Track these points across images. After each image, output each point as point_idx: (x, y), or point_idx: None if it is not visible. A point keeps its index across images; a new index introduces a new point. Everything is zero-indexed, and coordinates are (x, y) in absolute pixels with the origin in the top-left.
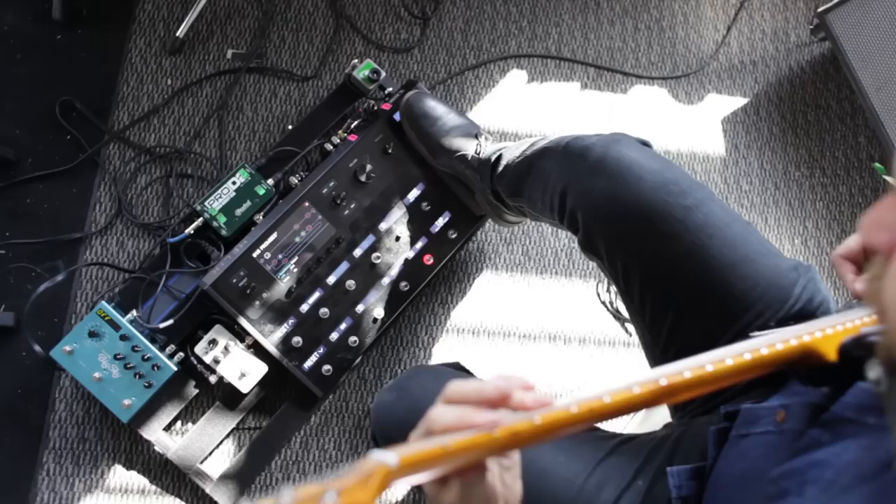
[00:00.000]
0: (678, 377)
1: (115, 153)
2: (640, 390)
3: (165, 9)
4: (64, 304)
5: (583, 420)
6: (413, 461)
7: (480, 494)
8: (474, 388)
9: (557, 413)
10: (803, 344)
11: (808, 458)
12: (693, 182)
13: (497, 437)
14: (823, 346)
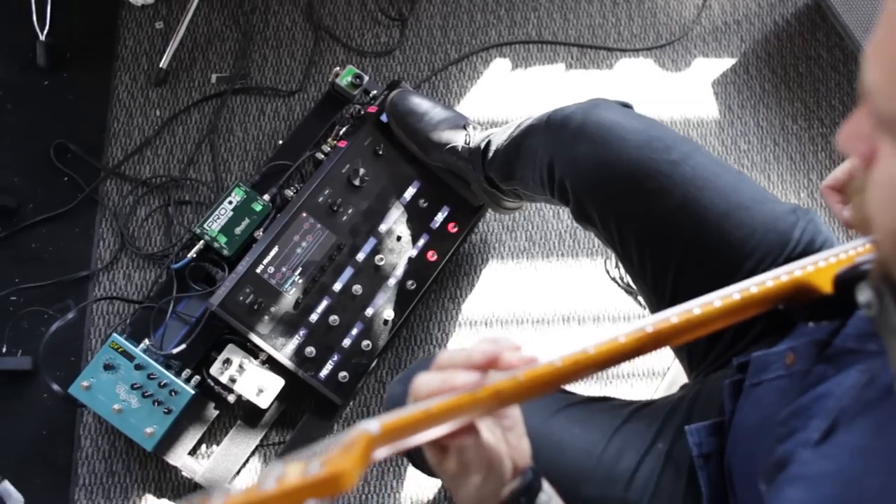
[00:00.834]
0: (665, 323)
1: (113, 189)
2: (626, 339)
3: (146, 42)
4: (78, 343)
5: (567, 374)
6: (396, 427)
7: (479, 457)
8: (462, 355)
9: (541, 368)
10: (795, 279)
11: (813, 394)
12: (678, 137)
13: (480, 395)
14: (818, 279)
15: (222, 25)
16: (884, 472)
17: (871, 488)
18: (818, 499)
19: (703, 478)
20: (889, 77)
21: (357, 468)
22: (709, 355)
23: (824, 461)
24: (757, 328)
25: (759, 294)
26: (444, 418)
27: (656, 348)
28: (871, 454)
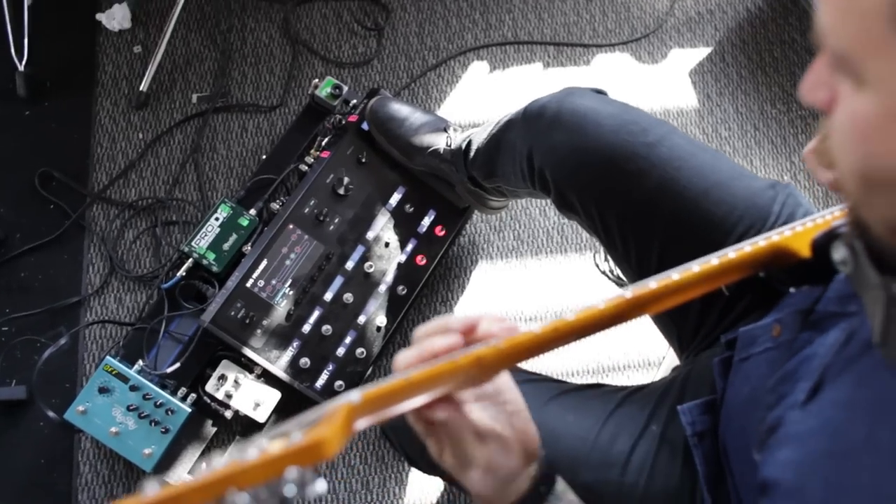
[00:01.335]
0: (643, 289)
1: (100, 213)
2: (605, 305)
3: (125, 67)
4: (73, 369)
5: (548, 341)
6: (377, 395)
7: (473, 437)
8: (439, 322)
9: (521, 336)
10: (773, 244)
11: (798, 358)
12: (653, 119)
13: (460, 362)
14: (796, 243)
15: (200, 46)
16: (868, 422)
17: (857, 438)
18: (807, 454)
19: (698, 456)
20: (838, 16)
21: (338, 436)
22: (697, 335)
23: (811, 418)
24: (743, 304)
25: (737, 259)
26: (425, 386)
27: (636, 315)
28: (855, 406)
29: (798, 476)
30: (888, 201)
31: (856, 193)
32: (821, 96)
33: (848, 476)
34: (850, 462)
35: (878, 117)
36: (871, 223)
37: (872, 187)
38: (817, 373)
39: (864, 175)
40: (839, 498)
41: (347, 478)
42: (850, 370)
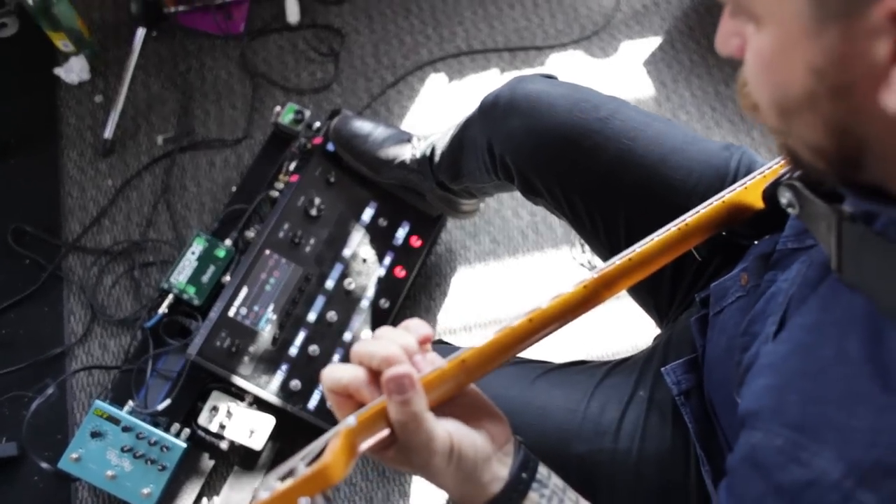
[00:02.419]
0: (610, 266)
1: (76, 262)
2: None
3: (88, 117)
4: (63, 420)
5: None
6: (371, 415)
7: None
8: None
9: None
10: (727, 202)
11: (765, 298)
12: (603, 96)
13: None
14: (748, 197)
15: (160, 88)
16: (836, 340)
17: (828, 355)
18: (782, 378)
19: (686, 414)
20: None
21: (341, 461)
22: (674, 301)
23: (782, 346)
24: (714, 265)
25: (696, 223)
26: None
27: (609, 293)
28: (823, 327)
29: (776, 400)
30: (803, 124)
31: (778, 125)
32: (733, 44)
33: (823, 389)
34: (824, 376)
35: (774, 49)
36: (799, 151)
37: (787, 115)
38: (783, 305)
39: (778, 104)
40: (816, 408)
41: (350, 496)
42: (813, 295)
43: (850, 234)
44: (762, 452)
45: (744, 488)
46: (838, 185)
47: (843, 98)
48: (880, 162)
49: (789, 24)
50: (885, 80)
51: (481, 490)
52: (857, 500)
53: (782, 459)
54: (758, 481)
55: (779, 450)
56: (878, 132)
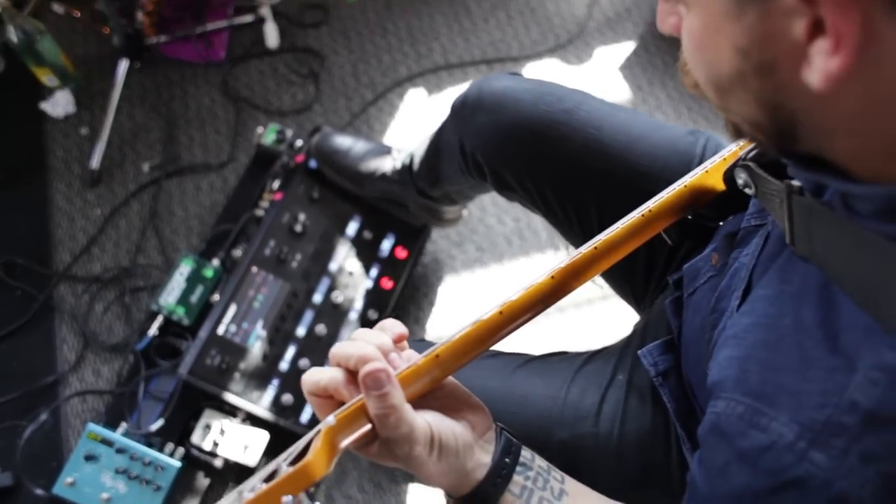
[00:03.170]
0: (577, 255)
1: (67, 291)
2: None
3: (75, 149)
4: (58, 447)
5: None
6: (349, 413)
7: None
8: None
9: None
10: (689, 185)
11: (730, 275)
12: (568, 89)
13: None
14: (710, 181)
15: (145, 118)
16: (793, 309)
17: (786, 325)
18: (745, 349)
19: (665, 394)
20: None
21: (323, 458)
22: (649, 286)
23: (745, 318)
24: (685, 247)
25: (659, 208)
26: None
27: (578, 282)
28: (781, 298)
29: (738, 370)
30: (737, 100)
31: (717, 101)
32: (670, 22)
33: (780, 357)
34: (782, 345)
35: (702, 30)
36: (740, 125)
37: (722, 92)
38: (745, 279)
39: (713, 82)
40: (773, 375)
41: None
42: (773, 267)
43: (799, 206)
44: (725, 421)
45: (711, 457)
46: (779, 156)
47: (769, 75)
48: (812, 133)
49: (713, 7)
50: (804, 57)
51: (466, 477)
52: (809, 459)
53: (743, 426)
54: (723, 448)
55: (740, 417)
56: (805, 106)
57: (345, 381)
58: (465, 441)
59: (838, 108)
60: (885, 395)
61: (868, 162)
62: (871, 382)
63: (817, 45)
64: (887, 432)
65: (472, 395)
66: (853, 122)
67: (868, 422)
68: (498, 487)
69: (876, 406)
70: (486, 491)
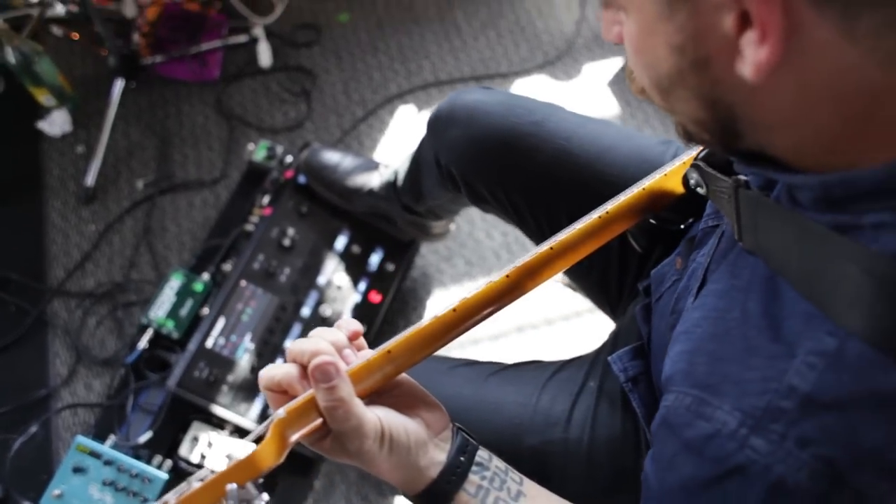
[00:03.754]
0: (533, 254)
1: (61, 307)
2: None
3: (71, 167)
4: (48, 460)
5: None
6: (298, 408)
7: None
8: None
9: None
10: (647, 188)
11: (688, 275)
12: (538, 102)
13: (372, 360)
14: (668, 184)
15: (140, 136)
16: (741, 302)
17: (734, 318)
18: (694, 342)
19: (635, 399)
20: None
21: (271, 448)
22: (622, 293)
23: (696, 312)
24: (656, 254)
25: (616, 210)
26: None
27: (533, 283)
28: (730, 292)
29: (687, 363)
30: (679, 99)
31: (662, 103)
32: (615, 31)
33: (726, 348)
34: (728, 336)
35: (639, 33)
36: (686, 125)
37: (665, 93)
38: (700, 278)
39: (655, 84)
40: (719, 366)
41: None
42: (724, 263)
43: (745, 200)
44: (673, 413)
45: (661, 450)
46: (725, 154)
47: (704, 71)
48: (752, 128)
49: (647, 9)
50: (736, 50)
51: (419, 475)
52: (750, 445)
53: (690, 416)
54: (671, 441)
55: (687, 408)
56: (741, 100)
57: (298, 377)
58: (418, 438)
59: (773, 100)
60: (821, 378)
61: (807, 154)
62: (808, 367)
63: (746, 36)
64: (824, 416)
65: (428, 394)
66: (788, 114)
67: (805, 406)
68: (452, 485)
69: (813, 390)
70: (441, 488)
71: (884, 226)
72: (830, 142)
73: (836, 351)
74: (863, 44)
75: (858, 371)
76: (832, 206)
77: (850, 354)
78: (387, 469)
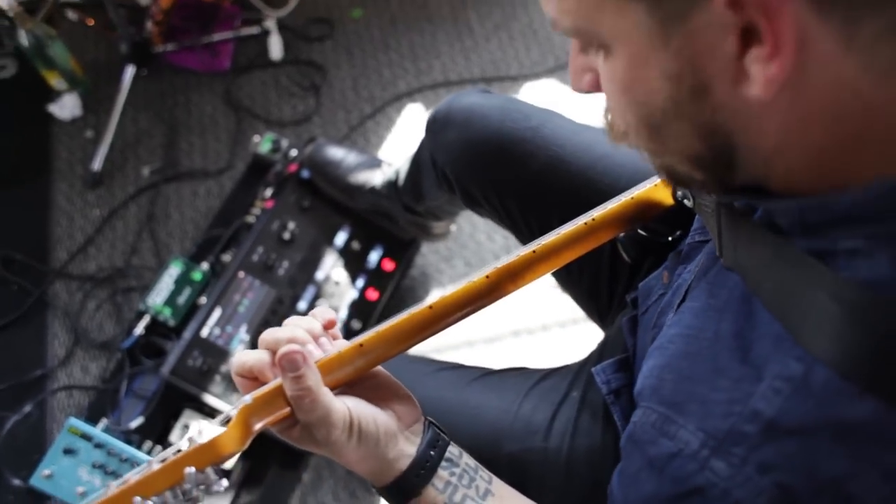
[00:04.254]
0: (513, 259)
1: (62, 289)
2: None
3: (79, 151)
4: (41, 440)
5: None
6: (265, 395)
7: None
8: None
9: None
10: (636, 198)
11: (672, 290)
12: (536, 108)
13: (343, 353)
14: (658, 194)
15: (148, 123)
16: (716, 322)
17: (707, 337)
18: (665, 358)
19: (616, 412)
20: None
21: (234, 434)
22: (612, 303)
23: (672, 328)
24: (646, 266)
25: (603, 218)
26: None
27: (514, 285)
28: (707, 311)
29: (657, 379)
30: (674, 135)
31: (651, 144)
32: (586, 80)
33: (695, 367)
34: (699, 355)
35: (628, 68)
36: (675, 166)
37: (657, 130)
38: (682, 295)
39: (646, 122)
40: (686, 385)
41: None
42: (704, 280)
43: (727, 217)
44: (640, 429)
45: (627, 465)
46: (719, 193)
47: (704, 97)
48: (751, 155)
49: (637, 40)
50: (739, 70)
51: (388, 467)
52: (710, 468)
53: (654, 433)
54: (636, 456)
55: (652, 424)
56: (741, 126)
57: (269, 363)
58: (388, 429)
59: (772, 122)
60: (786, 404)
61: (796, 179)
62: (774, 391)
63: (752, 53)
64: (786, 442)
65: (401, 386)
66: (784, 136)
67: (768, 431)
68: (421, 479)
69: (776, 415)
70: (409, 482)
71: (857, 252)
72: (820, 164)
73: (802, 377)
74: (861, 55)
75: (823, 399)
76: (808, 231)
77: (816, 381)
78: (355, 459)
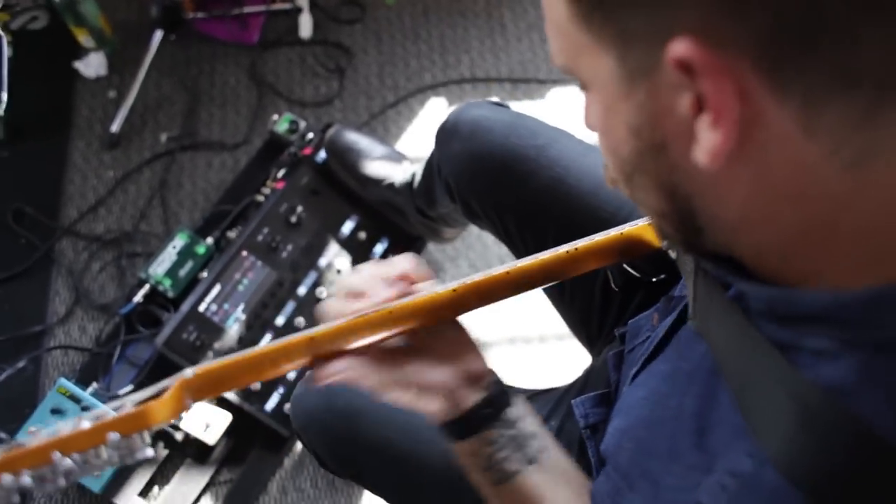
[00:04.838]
0: (483, 276)
1: (68, 247)
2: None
3: (100, 110)
4: (34, 395)
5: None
6: (209, 371)
7: None
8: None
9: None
10: (624, 234)
11: (650, 341)
12: (544, 125)
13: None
14: (648, 234)
15: (171, 89)
16: (681, 392)
17: (671, 407)
18: (629, 422)
19: (590, 448)
20: (552, 37)
21: (166, 406)
22: (602, 331)
23: (639, 389)
24: (639, 298)
25: (586, 248)
26: (260, 364)
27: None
28: (675, 377)
29: (617, 443)
30: (639, 187)
31: (627, 190)
32: (591, 122)
33: (654, 440)
34: (660, 428)
35: (602, 113)
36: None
37: (628, 179)
38: (649, 350)
39: (618, 169)
40: (642, 458)
41: (297, 502)
42: (674, 339)
43: (703, 282)
44: (597, 494)
45: None
46: (689, 252)
47: (662, 155)
48: (712, 222)
49: (608, 87)
50: (691, 134)
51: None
52: None
53: (609, 502)
54: None
55: (607, 492)
56: (699, 191)
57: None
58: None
59: (731, 194)
60: (730, 503)
61: (766, 260)
62: (720, 487)
63: (701, 119)
64: None
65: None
66: (747, 211)
67: None
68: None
69: None
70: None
71: (824, 353)
72: (791, 247)
73: (750, 475)
74: (824, 143)
75: (768, 502)
76: (777, 321)
77: (764, 481)
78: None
